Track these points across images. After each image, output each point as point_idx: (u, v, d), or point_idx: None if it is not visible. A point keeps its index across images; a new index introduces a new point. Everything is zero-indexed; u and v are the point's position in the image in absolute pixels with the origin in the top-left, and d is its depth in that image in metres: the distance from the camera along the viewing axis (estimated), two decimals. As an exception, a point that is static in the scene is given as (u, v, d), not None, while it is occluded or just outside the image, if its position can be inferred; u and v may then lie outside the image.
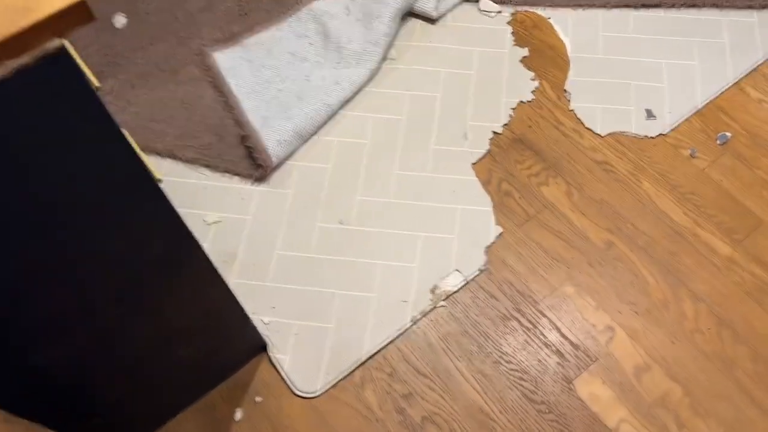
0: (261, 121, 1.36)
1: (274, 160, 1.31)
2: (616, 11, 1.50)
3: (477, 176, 1.31)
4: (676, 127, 1.34)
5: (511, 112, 1.38)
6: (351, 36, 1.44)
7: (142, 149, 1.37)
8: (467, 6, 1.53)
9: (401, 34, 1.51)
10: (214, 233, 1.27)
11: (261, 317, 1.18)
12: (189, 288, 0.85)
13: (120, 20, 1.55)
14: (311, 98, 1.38)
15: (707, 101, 1.37)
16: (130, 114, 1.39)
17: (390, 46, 1.48)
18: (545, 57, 1.45)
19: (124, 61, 1.48)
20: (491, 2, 1.52)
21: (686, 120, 1.35)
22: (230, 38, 1.50)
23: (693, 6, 1.49)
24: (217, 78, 1.44)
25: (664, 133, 1.34)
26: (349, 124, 1.39)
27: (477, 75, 1.44)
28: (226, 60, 1.47)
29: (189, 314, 0.90)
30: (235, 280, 1.22)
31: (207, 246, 1.26)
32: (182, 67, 1.46)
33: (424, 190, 1.30)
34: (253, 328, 1.06)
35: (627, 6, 1.50)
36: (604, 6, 1.50)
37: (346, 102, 1.41)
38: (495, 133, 1.36)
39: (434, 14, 1.49)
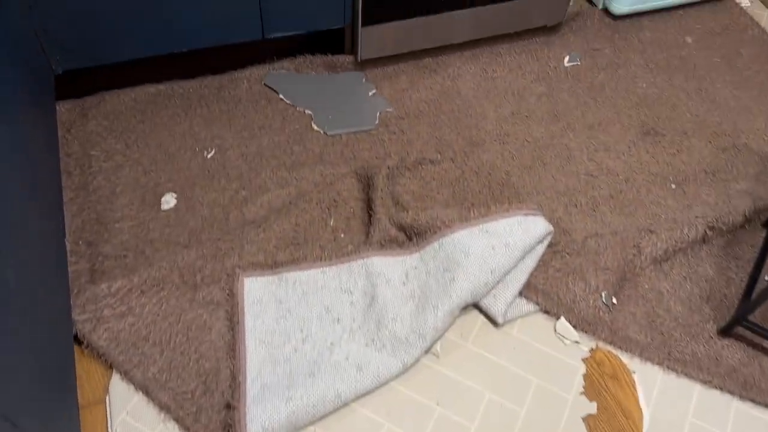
0: (258, 389, 1.14)
1: (251, 449, 1.08)
2: (716, 393, 1.22)
3: None
4: None
5: (551, 485, 1.10)
6: (398, 314, 1.23)
7: (121, 372, 1.17)
8: (541, 319, 1.30)
9: (456, 325, 1.28)
10: None
11: None
12: None
13: (169, 201, 1.41)
14: (324, 379, 1.15)
15: None
16: (126, 325, 1.21)
17: (438, 339, 1.25)
18: (613, 424, 1.17)
19: (151, 252, 1.33)
20: (571, 327, 1.28)
21: None
22: (271, 266, 1.32)
23: (815, 423, 1.19)
24: (236, 311, 1.25)
25: None
26: (355, 424, 1.15)
27: (525, 417, 1.17)
28: (256, 290, 1.28)
29: None
30: None
31: None
32: (206, 285, 1.28)
33: None
34: None
35: (731, 392, 1.22)
36: (703, 381, 1.22)
37: (363, 393, 1.18)
38: None
39: (500, 320, 1.27)
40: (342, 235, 1.39)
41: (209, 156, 1.50)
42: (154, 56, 1.50)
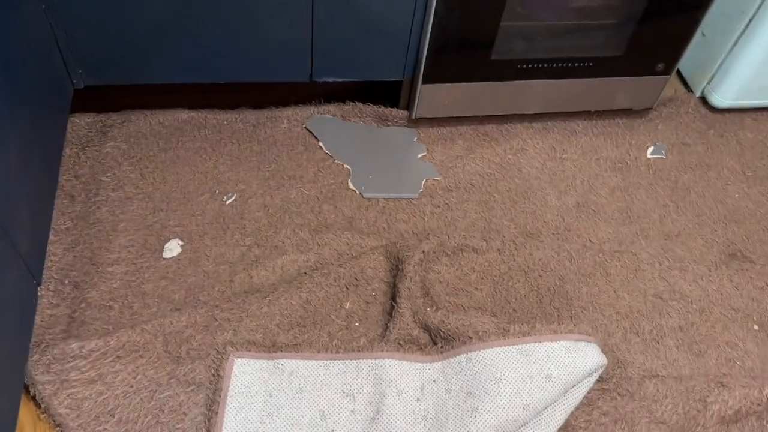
0: (223, 505, 0.96)
1: None
2: None
3: None
4: None
5: None
6: (404, 438, 1.04)
7: (71, 451, 1.01)
8: (575, 474, 1.08)
9: (472, 460, 1.07)
10: None
11: None
12: None
13: (173, 249, 1.25)
14: None
15: None
16: (93, 393, 1.04)
17: (447, 477, 1.05)
18: None
19: (139, 307, 1.16)
20: (608, 492, 1.05)
21: None
22: (268, 348, 1.14)
23: None
24: (217, 399, 1.07)
25: None
26: None
27: None
28: (246, 376, 1.10)
29: None
30: None
31: None
32: (190, 360, 1.11)
33: None
34: None
35: None
36: None
37: None
38: None
39: (525, 468, 1.06)
40: (356, 324, 1.20)
41: (228, 202, 1.34)
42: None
